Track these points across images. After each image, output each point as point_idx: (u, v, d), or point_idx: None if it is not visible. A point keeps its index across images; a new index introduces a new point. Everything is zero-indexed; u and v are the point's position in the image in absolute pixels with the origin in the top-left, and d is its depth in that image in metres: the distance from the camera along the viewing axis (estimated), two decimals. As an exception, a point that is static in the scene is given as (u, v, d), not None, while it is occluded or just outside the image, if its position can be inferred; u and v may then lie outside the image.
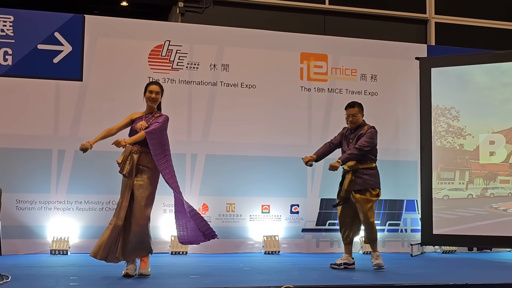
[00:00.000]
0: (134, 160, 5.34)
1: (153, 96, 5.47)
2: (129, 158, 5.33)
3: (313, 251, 8.14)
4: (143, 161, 5.37)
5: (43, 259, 6.83)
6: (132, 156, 5.34)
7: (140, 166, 5.37)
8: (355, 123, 6.23)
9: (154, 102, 5.49)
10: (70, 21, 7.68)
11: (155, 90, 5.48)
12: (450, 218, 7.94)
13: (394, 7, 9.92)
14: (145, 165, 5.38)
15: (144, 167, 5.38)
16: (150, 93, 5.49)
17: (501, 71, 7.87)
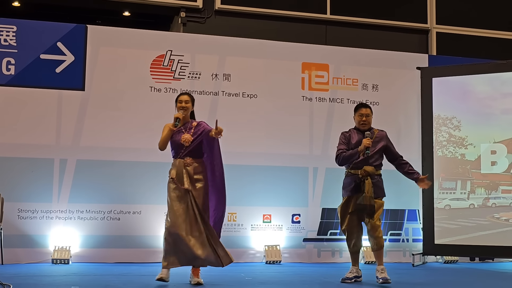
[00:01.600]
0: (190, 173, 5.48)
1: (183, 105, 5.57)
2: (185, 171, 5.47)
3: (314, 261, 8.13)
4: (196, 171, 5.52)
5: (45, 268, 6.83)
6: (187, 170, 5.48)
7: (195, 177, 5.50)
8: (368, 124, 5.94)
9: (186, 111, 5.58)
10: (73, 31, 7.72)
11: (184, 100, 5.60)
12: (452, 228, 7.92)
13: (395, 17, 9.95)
14: (199, 175, 5.53)
15: (198, 177, 5.53)
16: (180, 103, 5.60)
17: (502, 81, 7.88)
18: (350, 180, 5.88)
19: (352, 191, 5.83)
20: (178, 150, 5.54)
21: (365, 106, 6.03)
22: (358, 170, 5.82)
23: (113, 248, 7.51)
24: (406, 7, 10.03)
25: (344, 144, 5.96)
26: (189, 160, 5.51)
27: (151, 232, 7.63)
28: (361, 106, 6.06)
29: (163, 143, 5.55)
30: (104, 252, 7.50)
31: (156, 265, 7.25)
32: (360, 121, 5.97)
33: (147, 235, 7.63)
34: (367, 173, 5.79)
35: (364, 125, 5.94)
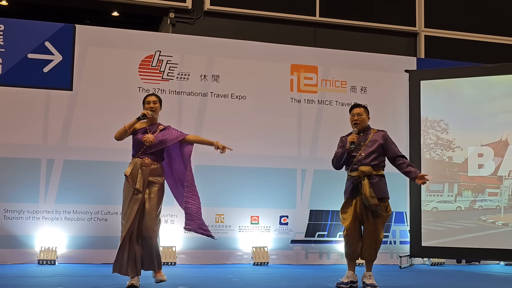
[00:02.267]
0: (145, 174, 5.34)
1: (151, 106, 5.49)
2: (140, 171, 5.34)
3: (302, 263, 8.13)
4: (153, 173, 5.40)
5: (31, 269, 6.79)
6: (142, 170, 5.35)
7: (150, 179, 5.37)
8: (361, 123, 5.87)
9: (154, 112, 5.51)
10: (61, 30, 7.68)
11: (152, 100, 5.52)
12: (439, 230, 7.96)
13: (384, 20, 9.99)
14: (155, 178, 5.40)
15: (154, 180, 5.39)
16: (148, 103, 5.52)
17: (489, 84, 7.93)
18: (349, 182, 5.83)
19: (351, 194, 5.77)
20: (138, 149, 5.42)
21: (358, 106, 5.99)
22: (355, 172, 5.76)
23: (100, 249, 7.47)
24: (395, 10, 10.07)
25: (340, 147, 5.94)
26: (148, 161, 5.38)
27: (138, 233, 7.59)
28: (354, 106, 6.03)
29: (119, 133, 5.41)
30: (91, 253, 7.46)
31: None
32: (352, 120, 5.93)
33: (135, 236, 7.59)
34: (364, 173, 5.71)
35: (356, 124, 5.88)
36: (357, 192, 5.71)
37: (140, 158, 5.38)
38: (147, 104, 5.52)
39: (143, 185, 5.31)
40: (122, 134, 5.43)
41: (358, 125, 5.87)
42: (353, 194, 5.75)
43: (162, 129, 5.51)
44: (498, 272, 7.68)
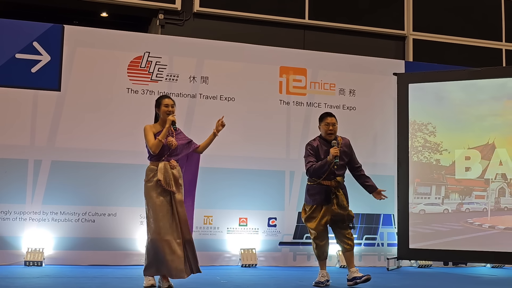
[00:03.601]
0: (175, 176, 5.39)
1: (170, 109, 5.48)
2: (171, 173, 5.36)
3: (290, 265, 8.14)
4: (180, 175, 5.45)
5: (17, 270, 6.74)
6: (172, 172, 5.37)
7: (179, 181, 5.42)
8: (335, 133, 5.96)
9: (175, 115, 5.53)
10: (49, 30, 7.65)
11: (171, 104, 5.51)
12: (426, 233, 8.00)
13: (373, 24, 10.04)
14: (181, 179, 5.46)
15: (181, 181, 5.46)
16: (166, 107, 5.48)
17: (477, 88, 7.99)
18: (319, 189, 5.92)
19: (323, 202, 5.89)
20: (163, 152, 5.39)
21: (331, 115, 6.02)
22: (329, 181, 5.88)
23: (88, 251, 7.44)
24: (383, 13, 10.12)
25: (312, 155, 5.96)
26: (174, 163, 5.42)
27: (126, 234, 7.58)
28: (327, 115, 6.03)
29: (157, 146, 5.32)
30: (78, 254, 7.43)
31: (130, 267, 7.22)
32: (327, 130, 5.96)
33: (122, 237, 7.58)
34: (339, 184, 5.92)
35: (331, 134, 5.94)
36: (330, 201, 5.87)
37: (167, 161, 5.39)
38: (165, 107, 5.47)
39: (177, 187, 5.37)
40: (160, 146, 5.35)
41: (332, 135, 5.95)
42: (325, 202, 5.89)
43: (177, 132, 5.55)
44: (484, 274, 7.72)
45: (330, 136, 5.93)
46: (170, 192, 5.32)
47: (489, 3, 10.64)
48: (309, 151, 5.99)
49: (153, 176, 5.35)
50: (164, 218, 5.26)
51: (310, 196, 5.97)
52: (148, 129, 5.43)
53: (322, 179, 5.89)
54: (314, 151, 5.97)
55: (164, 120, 5.46)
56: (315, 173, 5.88)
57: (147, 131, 5.41)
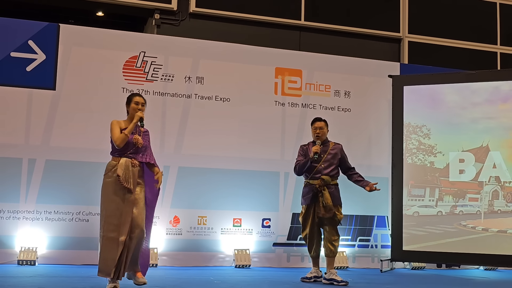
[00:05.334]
0: (134, 174, 5.27)
1: (139, 107, 5.39)
2: (131, 171, 5.25)
3: (284, 265, 8.14)
4: (139, 175, 5.33)
5: (10, 269, 6.72)
6: (132, 170, 5.26)
7: (138, 180, 5.31)
8: (322, 136, 6.43)
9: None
10: (45, 29, 7.63)
11: (141, 102, 5.42)
12: (420, 235, 8.02)
13: (368, 26, 10.06)
14: (140, 179, 5.35)
15: (139, 181, 5.33)
16: (136, 104, 5.40)
17: (471, 90, 8.01)
18: (308, 189, 6.38)
19: (311, 201, 6.33)
20: (126, 149, 5.27)
21: (319, 120, 6.53)
22: (316, 180, 6.32)
23: (81, 250, 7.42)
24: (379, 16, 10.14)
25: (302, 156, 6.49)
26: (136, 162, 5.30)
27: (120, 234, 7.55)
28: (316, 120, 6.56)
29: (123, 140, 5.22)
30: (72, 253, 7.41)
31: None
32: (314, 134, 6.47)
33: (116, 237, 7.55)
34: (324, 182, 6.30)
35: (318, 137, 6.44)
36: (317, 199, 6.30)
37: (129, 158, 5.28)
38: (136, 105, 5.39)
39: (134, 185, 5.23)
40: (125, 141, 5.26)
41: (319, 137, 6.44)
42: (312, 201, 6.33)
43: (144, 131, 5.46)
44: (477, 277, 7.75)
45: (317, 138, 6.45)
46: (126, 190, 5.18)
47: (485, 7, 10.67)
48: (299, 152, 6.56)
49: (113, 171, 5.24)
50: (112, 216, 5.14)
51: (303, 197, 6.47)
52: (114, 123, 5.34)
53: (309, 179, 6.37)
54: (304, 151, 6.51)
55: (132, 117, 5.37)
56: (299, 170, 6.44)
57: (113, 125, 5.32)
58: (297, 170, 6.47)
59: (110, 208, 5.19)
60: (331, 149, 6.41)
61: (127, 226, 5.14)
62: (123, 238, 5.11)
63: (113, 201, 5.19)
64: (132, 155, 5.31)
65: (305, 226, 6.38)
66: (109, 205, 5.20)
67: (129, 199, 5.19)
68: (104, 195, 5.26)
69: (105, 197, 5.25)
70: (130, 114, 5.44)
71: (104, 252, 5.12)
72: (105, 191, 5.26)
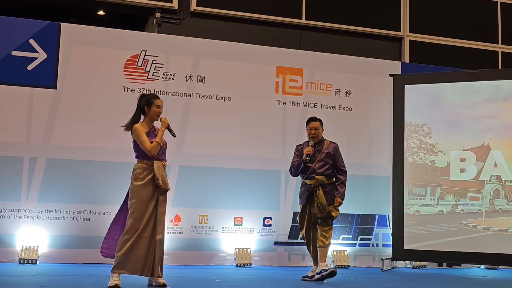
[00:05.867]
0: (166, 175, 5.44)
1: (160, 110, 5.46)
2: (165, 173, 5.41)
3: (285, 264, 8.14)
4: None
5: (11, 268, 6.73)
6: (164, 171, 5.41)
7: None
8: (317, 136, 6.41)
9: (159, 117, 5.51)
10: (46, 28, 7.63)
11: (161, 105, 5.49)
12: (421, 234, 8.02)
13: (369, 25, 10.06)
14: None
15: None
16: (158, 107, 5.45)
17: (472, 89, 8.01)
18: (304, 189, 6.39)
19: (307, 200, 6.33)
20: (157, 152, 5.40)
21: (315, 120, 6.50)
22: (311, 180, 6.31)
23: (82, 249, 7.42)
24: (380, 15, 10.14)
25: (297, 156, 6.49)
26: (165, 163, 5.47)
27: (121, 233, 7.56)
28: (310, 120, 6.54)
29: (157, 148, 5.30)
30: (73, 252, 7.42)
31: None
32: (309, 134, 6.47)
33: (117, 236, 7.55)
34: (319, 182, 6.28)
35: (313, 137, 6.42)
36: (312, 199, 6.29)
37: (159, 160, 5.40)
38: (157, 108, 5.44)
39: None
40: (158, 148, 5.34)
41: (315, 138, 6.42)
42: (308, 200, 6.32)
43: None
44: (478, 276, 7.74)
45: (312, 138, 6.42)
46: (157, 192, 5.31)
47: (486, 5, 10.67)
48: (294, 153, 6.57)
49: (146, 174, 5.31)
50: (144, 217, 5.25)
51: (299, 196, 6.47)
52: (142, 130, 5.35)
53: (305, 179, 6.39)
54: (299, 152, 6.52)
55: (152, 119, 5.45)
56: (294, 171, 6.47)
57: (141, 132, 5.33)
58: (292, 171, 6.50)
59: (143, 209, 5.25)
60: (325, 148, 6.38)
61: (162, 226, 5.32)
62: (159, 236, 5.29)
63: (148, 203, 5.27)
64: (161, 156, 5.45)
65: (302, 226, 6.42)
66: (144, 207, 5.25)
67: (162, 200, 5.36)
68: (137, 197, 5.27)
69: (139, 199, 5.27)
70: (150, 116, 5.45)
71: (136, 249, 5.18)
72: (138, 194, 5.28)
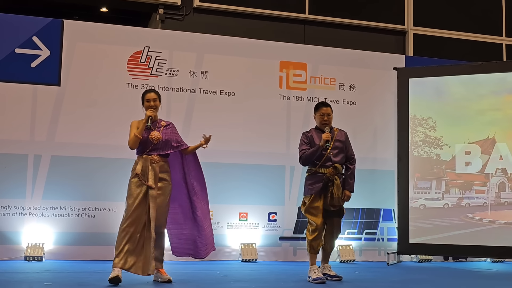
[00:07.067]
0: (156, 170, 5.35)
1: (151, 104, 5.47)
2: (150, 168, 5.34)
3: (290, 259, 8.14)
4: (162, 169, 5.42)
5: (17, 265, 6.74)
6: (153, 167, 5.35)
7: (160, 175, 5.39)
8: (329, 123, 6.00)
9: (156, 110, 5.51)
10: (49, 25, 7.63)
11: (152, 98, 5.49)
12: (426, 228, 8.00)
13: (373, 18, 10.02)
14: (164, 173, 5.44)
15: (163, 176, 5.42)
16: (148, 101, 5.49)
17: (477, 82, 7.97)
18: (318, 179, 5.87)
19: (321, 190, 5.84)
20: (145, 147, 5.42)
21: (326, 105, 6.05)
22: (326, 169, 5.86)
23: (88, 246, 7.44)
24: (384, 8, 10.11)
25: (306, 144, 5.97)
26: (156, 158, 5.40)
27: (126, 229, 7.56)
28: (322, 105, 6.06)
29: (134, 142, 5.37)
30: (78, 249, 7.43)
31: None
32: (322, 120, 6.01)
33: (122, 232, 7.56)
34: (337, 171, 5.86)
35: (325, 124, 5.97)
36: (327, 189, 5.83)
37: (149, 155, 5.38)
38: (147, 103, 5.49)
39: (155, 182, 5.33)
40: (137, 142, 5.39)
41: (327, 124, 5.98)
42: (322, 191, 5.84)
43: (165, 125, 5.54)
44: (484, 269, 7.73)
45: (324, 125, 5.97)
46: (147, 187, 5.29)
47: (490, -2, 10.63)
48: (302, 140, 6.03)
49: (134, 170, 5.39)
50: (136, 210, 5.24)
51: (309, 186, 5.92)
52: (133, 124, 5.45)
53: (318, 167, 5.87)
54: (308, 139, 6.00)
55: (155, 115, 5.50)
56: (307, 159, 5.91)
57: (131, 126, 5.44)
58: (303, 159, 5.95)
59: (132, 204, 5.26)
60: (337, 135, 5.99)
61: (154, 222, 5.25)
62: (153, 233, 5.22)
63: (135, 198, 5.27)
64: (152, 151, 5.39)
65: (313, 219, 5.86)
66: (132, 202, 5.27)
67: (153, 195, 5.29)
68: (128, 192, 5.35)
69: (129, 194, 5.33)
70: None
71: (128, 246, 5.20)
72: (129, 190, 5.35)
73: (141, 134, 5.36)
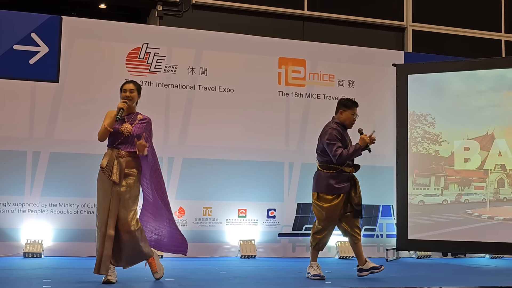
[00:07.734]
0: (121, 165, 5.11)
1: (127, 94, 5.22)
2: (116, 162, 5.10)
3: (289, 256, 8.14)
4: (129, 165, 5.15)
5: (16, 262, 6.75)
6: (119, 161, 5.11)
7: (126, 171, 5.14)
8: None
9: (131, 101, 5.23)
10: (47, 22, 7.62)
11: (129, 89, 5.24)
12: (425, 224, 8.00)
13: (372, 14, 10.01)
14: (131, 170, 5.17)
15: (130, 172, 5.16)
16: (124, 92, 5.25)
17: (476, 78, 7.97)
18: (344, 178, 5.76)
19: (348, 190, 5.75)
20: (115, 139, 5.15)
21: (357, 105, 6.01)
22: (349, 168, 5.81)
23: (87, 242, 7.40)
24: (383, 4, 10.10)
25: (340, 141, 5.77)
26: (124, 152, 5.12)
27: (125, 226, 7.56)
28: (354, 104, 5.97)
29: (102, 134, 5.10)
30: (77, 246, 7.42)
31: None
32: (352, 120, 5.94)
33: (121, 229, 7.56)
34: (357, 170, 5.87)
35: (353, 124, 5.98)
36: (351, 189, 5.77)
37: (117, 148, 5.14)
38: (123, 93, 5.25)
39: (120, 177, 5.09)
40: (106, 134, 5.13)
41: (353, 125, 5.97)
42: (349, 190, 5.76)
43: (141, 119, 5.27)
44: (483, 265, 7.74)
45: (352, 126, 5.97)
46: (112, 182, 5.05)
47: (489, -6, 10.62)
48: (336, 136, 5.77)
49: None
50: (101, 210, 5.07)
51: (336, 184, 5.72)
52: (107, 115, 5.18)
53: (345, 166, 5.77)
54: (341, 135, 5.81)
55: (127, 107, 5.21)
56: (346, 159, 5.72)
57: (105, 117, 5.18)
58: (344, 158, 5.67)
59: (99, 201, 5.12)
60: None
61: (114, 220, 5.03)
62: (111, 232, 5.02)
63: (102, 194, 5.10)
64: (121, 145, 5.15)
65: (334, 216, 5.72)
66: (99, 198, 5.12)
67: (116, 192, 5.07)
68: (97, 187, 5.19)
69: (97, 190, 5.18)
70: None
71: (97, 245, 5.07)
72: (97, 183, 5.19)
73: (111, 126, 5.09)
